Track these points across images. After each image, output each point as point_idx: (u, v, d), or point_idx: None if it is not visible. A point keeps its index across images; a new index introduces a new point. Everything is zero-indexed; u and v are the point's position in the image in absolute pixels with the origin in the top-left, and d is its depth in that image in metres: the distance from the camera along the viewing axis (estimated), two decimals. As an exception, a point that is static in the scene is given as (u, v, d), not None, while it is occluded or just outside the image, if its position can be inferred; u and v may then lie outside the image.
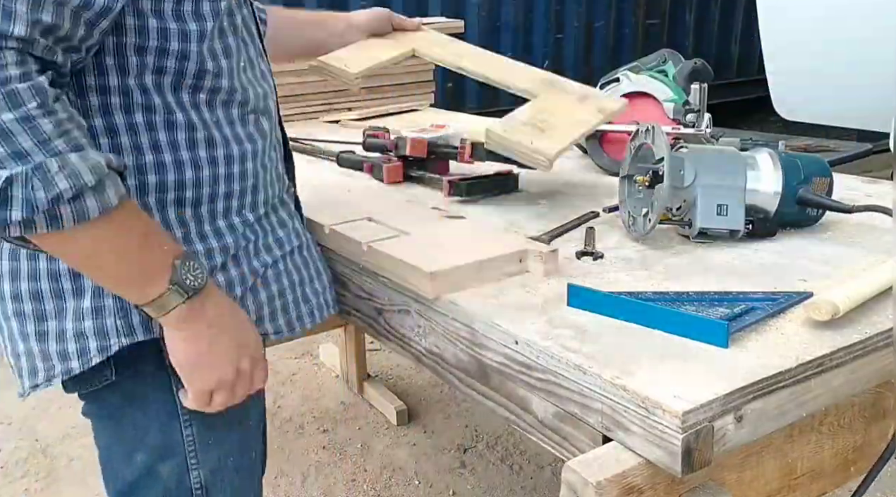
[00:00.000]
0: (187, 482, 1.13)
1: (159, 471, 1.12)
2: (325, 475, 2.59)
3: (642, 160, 1.33)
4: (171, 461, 1.12)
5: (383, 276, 1.22)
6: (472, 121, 2.42)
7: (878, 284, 1.05)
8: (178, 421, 1.11)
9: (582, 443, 0.93)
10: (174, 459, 1.12)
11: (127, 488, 1.14)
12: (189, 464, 1.13)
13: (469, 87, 5.65)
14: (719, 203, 1.26)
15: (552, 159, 1.36)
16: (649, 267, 1.21)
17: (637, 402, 0.84)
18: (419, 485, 2.54)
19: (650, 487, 0.85)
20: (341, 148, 1.91)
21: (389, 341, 1.25)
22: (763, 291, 1.08)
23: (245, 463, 1.19)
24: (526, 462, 2.65)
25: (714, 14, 6.87)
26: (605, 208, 1.48)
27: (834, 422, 1.04)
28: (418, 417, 2.90)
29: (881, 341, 0.98)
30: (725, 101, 6.30)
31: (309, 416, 2.92)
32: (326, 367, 3.26)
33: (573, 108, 1.53)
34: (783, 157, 1.31)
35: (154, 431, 1.11)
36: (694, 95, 1.71)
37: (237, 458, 1.17)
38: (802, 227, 1.35)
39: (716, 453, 0.83)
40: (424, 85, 2.70)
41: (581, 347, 0.94)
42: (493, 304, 1.08)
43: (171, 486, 1.13)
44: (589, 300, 1.04)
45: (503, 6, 5.65)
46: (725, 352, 0.92)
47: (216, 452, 1.14)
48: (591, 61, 6.11)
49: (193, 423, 1.11)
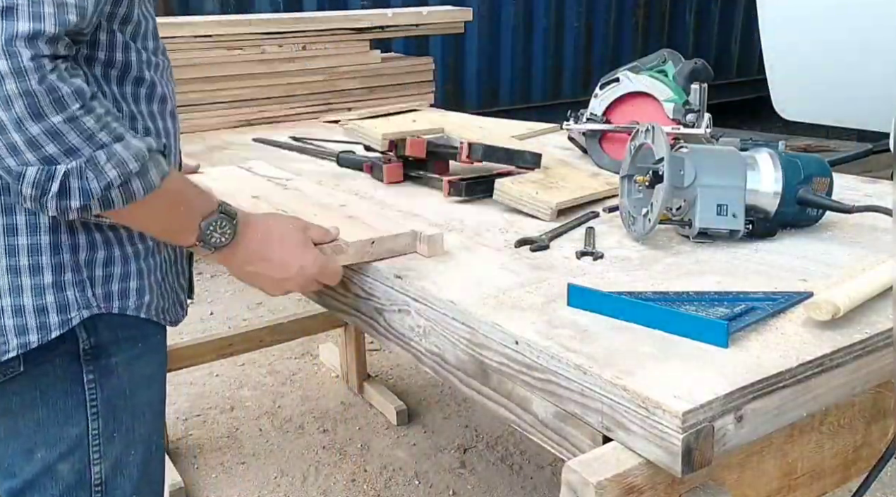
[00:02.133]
0: (87, 477, 1.13)
1: (59, 468, 1.12)
2: (325, 475, 2.59)
3: (642, 160, 1.33)
4: (73, 456, 1.12)
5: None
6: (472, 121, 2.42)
7: (878, 284, 1.05)
8: (86, 414, 1.12)
9: (582, 443, 0.93)
10: (77, 454, 1.12)
11: (22, 486, 1.12)
12: (91, 458, 1.13)
13: (468, 88, 5.66)
14: (719, 203, 1.26)
15: (553, 209, 1.44)
16: (649, 267, 1.21)
17: (637, 402, 0.84)
18: (419, 485, 2.54)
19: (650, 487, 0.85)
20: (341, 148, 1.91)
21: (389, 341, 1.25)
22: (763, 291, 1.08)
23: (148, 456, 1.21)
24: (526, 462, 2.65)
25: (714, 14, 6.87)
26: (605, 208, 1.48)
27: (834, 422, 1.04)
28: (418, 417, 2.90)
29: (881, 341, 0.98)
30: (725, 101, 6.31)
31: (309, 416, 2.93)
32: (326, 367, 3.26)
33: (583, 179, 1.64)
34: (783, 157, 1.31)
35: (58, 426, 1.11)
36: (694, 95, 1.71)
37: (140, 452, 1.18)
38: (802, 227, 1.35)
39: (716, 453, 0.83)
40: (424, 85, 2.70)
41: (581, 347, 0.94)
42: (494, 303, 1.08)
43: (70, 483, 1.12)
44: (589, 300, 1.04)
45: (503, 6, 5.65)
46: (725, 352, 0.92)
47: (120, 445, 1.15)
48: (591, 61, 6.11)
49: (100, 416, 1.12)
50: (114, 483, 1.15)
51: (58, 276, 1.05)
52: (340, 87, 2.52)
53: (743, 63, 7.09)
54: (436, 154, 1.67)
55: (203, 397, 3.03)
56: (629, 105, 1.77)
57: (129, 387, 1.15)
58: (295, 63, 2.44)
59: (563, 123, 1.85)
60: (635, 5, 6.34)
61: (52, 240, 1.04)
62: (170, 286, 1.22)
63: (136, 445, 1.17)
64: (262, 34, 2.39)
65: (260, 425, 2.87)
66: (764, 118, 5.79)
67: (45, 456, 1.11)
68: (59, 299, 1.05)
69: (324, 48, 2.50)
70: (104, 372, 1.12)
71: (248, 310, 3.78)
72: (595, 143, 1.80)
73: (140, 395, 1.17)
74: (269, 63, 2.40)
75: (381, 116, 2.42)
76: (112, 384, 1.13)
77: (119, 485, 1.16)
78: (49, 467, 1.12)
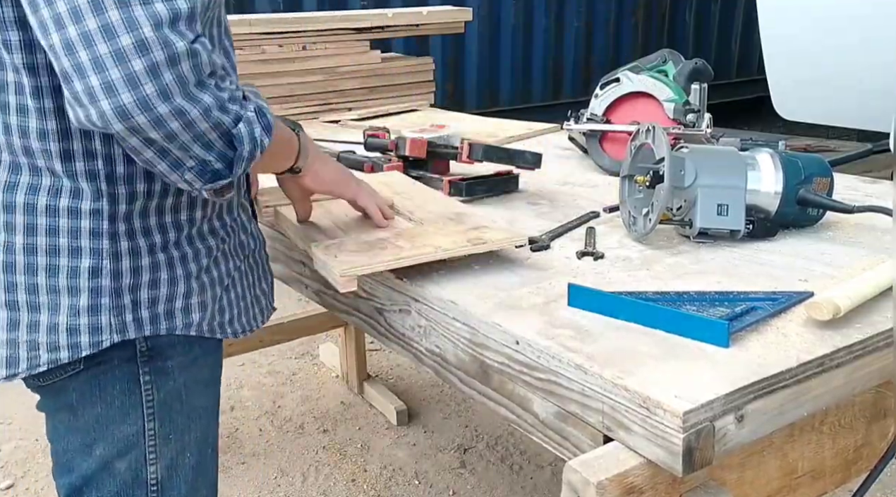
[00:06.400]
0: (144, 476, 1.14)
1: (116, 466, 1.13)
2: (325, 475, 2.59)
3: (642, 160, 1.33)
4: (130, 455, 1.13)
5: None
6: (472, 121, 2.42)
7: (878, 284, 1.05)
8: (142, 414, 1.12)
9: (583, 443, 0.93)
10: (133, 453, 1.13)
11: (81, 482, 1.14)
12: (147, 458, 1.14)
13: (469, 88, 5.65)
14: (719, 203, 1.26)
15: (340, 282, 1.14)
16: (649, 267, 1.21)
17: (638, 402, 0.84)
18: (419, 485, 2.54)
19: (651, 487, 0.85)
20: (341, 148, 1.91)
21: (389, 341, 1.25)
22: (763, 291, 1.09)
23: (202, 459, 1.21)
24: (526, 462, 2.65)
25: (714, 14, 6.87)
26: (605, 208, 1.48)
27: (834, 422, 1.04)
28: (418, 417, 2.90)
29: (881, 341, 0.98)
30: (725, 101, 6.30)
31: (309, 416, 2.92)
32: (326, 367, 3.26)
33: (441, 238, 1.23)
34: (783, 157, 1.31)
35: (116, 424, 1.12)
36: (694, 95, 1.72)
37: (195, 454, 1.19)
38: (802, 227, 1.35)
39: (716, 453, 0.84)
40: (424, 85, 2.70)
41: (582, 347, 0.94)
42: (494, 303, 1.08)
43: (127, 481, 1.14)
44: (589, 300, 1.04)
45: (503, 6, 5.65)
46: (726, 352, 0.92)
47: (175, 447, 1.16)
48: (591, 61, 6.11)
49: (156, 417, 1.13)
50: (169, 483, 1.16)
51: (94, 299, 1.05)
52: (340, 87, 2.51)
53: (743, 63, 7.08)
54: (436, 154, 1.67)
55: (203, 397, 3.03)
56: (629, 105, 1.77)
57: (185, 390, 1.15)
58: (295, 63, 2.44)
59: (563, 123, 1.86)
60: (635, 5, 6.34)
61: (92, 264, 1.05)
62: (237, 297, 1.21)
63: (191, 448, 1.18)
64: (262, 34, 2.39)
65: (260, 425, 2.87)
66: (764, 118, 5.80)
67: (103, 452, 1.12)
68: (92, 322, 1.06)
69: (324, 48, 2.50)
70: (160, 373, 1.13)
71: (248, 310, 3.78)
72: (595, 143, 1.80)
73: (195, 398, 1.17)
74: (269, 63, 2.40)
75: (381, 116, 2.43)
76: (168, 386, 1.13)
77: (175, 485, 1.17)
78: (107, 464, 1.13)
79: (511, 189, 1.62)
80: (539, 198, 1.59)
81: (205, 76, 0.93)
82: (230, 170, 0.99)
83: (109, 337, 1.07)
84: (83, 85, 0.89)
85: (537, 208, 1.52)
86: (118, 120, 0.90)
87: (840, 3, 2.86)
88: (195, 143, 0.95)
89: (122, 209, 1.05)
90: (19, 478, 2.57)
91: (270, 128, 1.03)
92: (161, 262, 1.09)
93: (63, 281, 1.05)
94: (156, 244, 1.09)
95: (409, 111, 2.54)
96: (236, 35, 2.35)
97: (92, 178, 1.03)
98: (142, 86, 0.89)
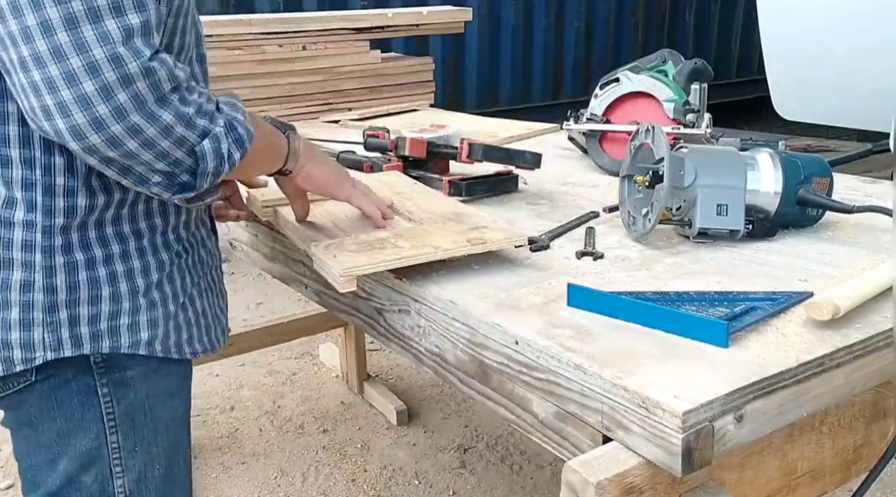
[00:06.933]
0: (111, 490, 1.12)
1: (82, 480, 1.10)
2: (325, 475, 2.59)
3: (642, 160, 1.33)
4: (95, 468, 1.11)
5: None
6: (472, 121, 2.42)
7: (878, 284, 1.05)
8: (104, 427, 1.10)
9: (582, 443, 0.93)
10: (98, 466, 1.11)
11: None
12: (113, 471, 1.11)
13: (469, 87, 5.65)
14: (719, 203, 1.26)
15: (340, 282, 1.13)
16: (649, 267, 1.21)
17: (637, 402, 0.84)
18: (419, 485, 2.54)
19: (650, 487, 0.85)
20: (342, 148, 1.91)
21: (389, 341, 1.25)
22: (763, 291, 1.08)
23: (173, 469, 1.18)
24: (526, 462, 2.65)
25: (714, 14, 6.87)
26: (605, 208, 1.48)
27: (834, 422, 1.04)
28: (418, 417, 2.90)
29: (881, 341, 0.98)
30: (725, 101, 6.30)
31: (309, 416, 2.92)
32: (326, 367, 3.26)
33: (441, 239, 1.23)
34: (783, 157, 1.31)
35: (78, 438, 1.09)
36: (694, 95, 1.71)
37: (163, 466, 1.16)
38: (802, 227, 1.35)
39: (716, 453, 0.84)
40: (424, 85, 2.70)
41: (581, 347, 0.94)
42: (493, 303, 1.08)
43: (94, 494, 1.11)
44: (589, 300, 1.04)
45: (503, 6, 5.65)
46: (725, 352, 0.92)
47: (143, 460, 1.13)
48: (591, 61, 6.11)
49: (119, 430, 1.10)
50: (139, 496, 1.14)
51: (26, 314, 1.03)
52: (340, 87, 2.51)
53: (743, 63, 7.09)
54: (436, 154, 1.67)
55: (203, 397, 3.03)
56: (629, 105, 1.77)
57: (149, 401, 1.13)
58: (295, 63, 2.44)
59: (563, 123, 1.85)
60: (635, 5, 6.34)
61: (23, 277, 1.02)
62: (197, 315, 1.17)
63: (159, 459, 1.15)
64: (262, 34, 2.39)
65: (260, 425, 2.87)
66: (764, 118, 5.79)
67: (67, 467, 1.10)
68: (24, 337, 1.03)
69: (324, 48, 2.50)
70: (119, 385, 1.10)
71: (248, 310, 3.78)
72: (595, 143, 1.80)
73: (160, 409, 1.14)
74: (269, 63, 2.40)
75: (381, 116, 2.43)
76: (129, 398, 1.11)
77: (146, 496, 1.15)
78: (72, 479, 1.10)
79: (511, 189, 1.62)
80: (539, 198, 1.59)
81: (166, 92, 0.92)
82: (197, 182, 0.99)
83: (43, 354, 1.04)
84: (39, 102, 0.88)
85: (537, 208, 1.52)
86: (73, 139, 0.89)
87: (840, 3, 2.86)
88: (158, 161, 0.94)
89: (58, 222, 1.01)
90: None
91: (242, 141, 1.03)
92: (101, 278, 1.05)
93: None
94: (96, 258, 1.05)
95: (409, 111, 2.54)
96: (236, 35, 2.37)
97: (28, 188, 1.00)
98: (94, 106, 0.88)
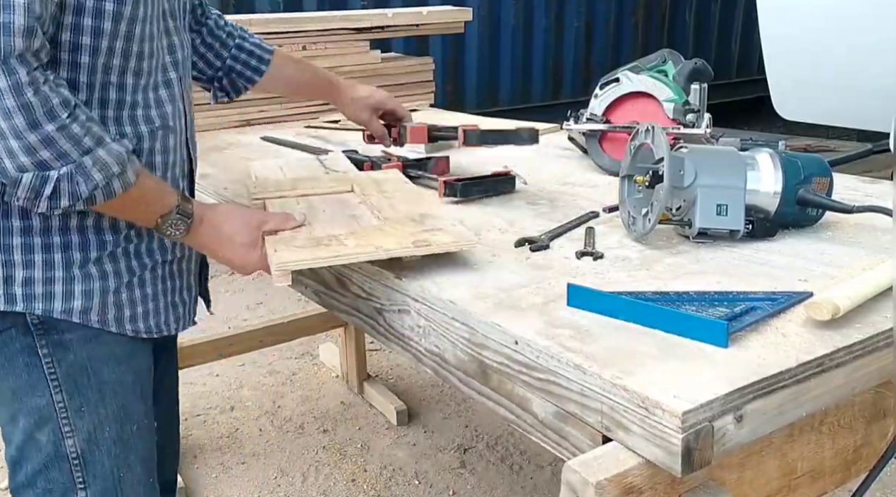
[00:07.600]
0: (63, 450, 1.19)
1: (38, 438, 1.18)
2: (325, 475, 2.59)
3: (642, 160, 1.33)
4: (47, 427, 1.18)
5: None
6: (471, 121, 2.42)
7: (878, 284, 1.05)
8: (48, 386, 1.18)
9: (582, 443, 0.93)
10: (49, 425, 1.18)
11: (18, 455, 1.20)
12: (63, 431, 1.19)
13: (469, 88, 5.66)
14: (719, 203, 1.26)
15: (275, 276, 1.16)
16: (649, 267, 1.21)
17: (637, 402, 0.84)
18: (419, 485, 2.54)
19: (650, 487, 0.85)
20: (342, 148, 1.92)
21: (389, 341, 1.25)
22: (763, 291, 1.08)
23: (126, 434, 1.24)
24: (526, 462, 2.65)
25: (714, 14, 6.87)
26: (605, 208, 1.48)
27: (834, 422, 1.04)
28: (418, 417, 2.90)
29: (881, 341, 0.98)
30: (725, 101, 6.30)
31: (309, 416, 2.93)
32: (326, 367, 3.26)
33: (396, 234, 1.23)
34: (783, 157, 1.31)
35: (28, 396, 1.18)
36: (694, 95, 1.71)
37: (114, 429, 1.23)
38: (802, 227, 1.35)
39: (716, 453, 0.83)
40: (424, 85, 2.70)
41: (581, 347, 0.94)
42: (493, 303, 1.08)
43: (50, 454, 1.19)
44: (589, 300, 1.04)
45: (503, 6, 5.65)
46: (725, 352, 0.92)
47: (91, 420, 1.20)
48: (591, 61, 6.11)
49: (63, 389, 1.18)
50: (91, 457, 1.20)
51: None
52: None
53: (743, 63, 7.09)
54: (437, 137, 1.71)
55: (203, 397, 3.03)
56: (629, 105, 1.77)
57: (91, 364, 1.20)
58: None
59: (563, 123, 1.85)
60: (635, 5, 6.34)
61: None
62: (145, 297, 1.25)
63: (108, 422, 1.22)
64: (262, 34, 2.38)
65: (260, 425, 2.87)
66: (764, 118, 5.80)
67: (25, 424, 1.18)
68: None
69: (324, 48, 2.50)
70: (57, 346, 1.17)
71: (248, 310, 3.78)
72: (595, 143, 1.80)
73: (106, 372, 1.21)
74: (269, 63, 2.39)
75: (381, 116, 2.43)
76: (69, 359, 1.18)
77: (97, 459, 1.21)
78: (30, 435, 1.19)
79: (507, 190, 1.62)
80: (538, 198, 1.59)
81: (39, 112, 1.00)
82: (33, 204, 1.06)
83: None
84: None
85: (537, 208, 1.52)
86: None
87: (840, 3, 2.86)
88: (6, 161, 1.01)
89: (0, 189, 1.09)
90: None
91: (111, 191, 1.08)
92: (35, 245, 1.15)
93: None
94: (33, 227, 1.15)
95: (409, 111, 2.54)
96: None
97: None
98: None
